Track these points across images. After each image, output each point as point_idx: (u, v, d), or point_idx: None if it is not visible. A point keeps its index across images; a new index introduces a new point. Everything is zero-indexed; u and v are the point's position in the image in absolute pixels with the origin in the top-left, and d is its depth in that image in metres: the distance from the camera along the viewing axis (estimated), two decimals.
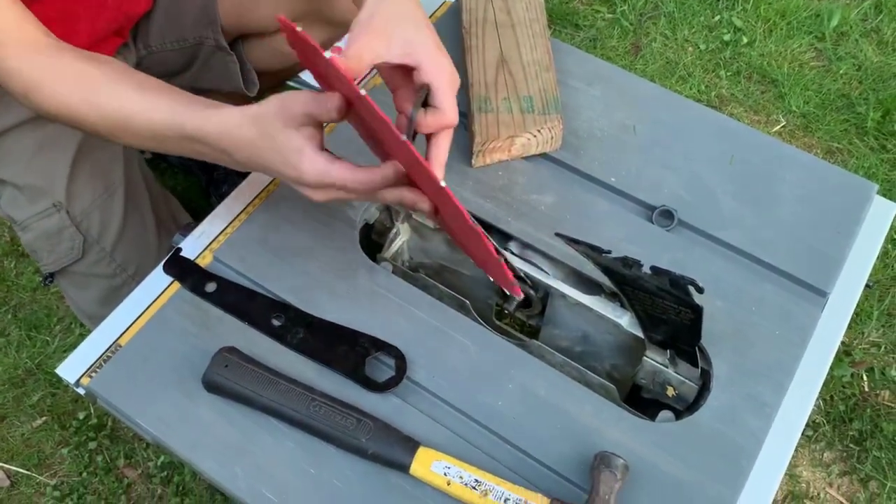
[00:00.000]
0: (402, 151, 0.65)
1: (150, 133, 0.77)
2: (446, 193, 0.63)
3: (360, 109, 0.67)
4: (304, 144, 0.69)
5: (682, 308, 0.76)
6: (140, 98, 0.76)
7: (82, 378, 0.82)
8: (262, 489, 0.74)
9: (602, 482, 0.71)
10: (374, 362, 0.81)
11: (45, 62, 0.78)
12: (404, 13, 0.73)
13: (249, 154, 0.72)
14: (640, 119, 0.99)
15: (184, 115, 0.74)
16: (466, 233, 0.72)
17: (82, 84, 0.77)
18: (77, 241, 1.05)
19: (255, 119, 0.70)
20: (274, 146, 0.69)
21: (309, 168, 0.69)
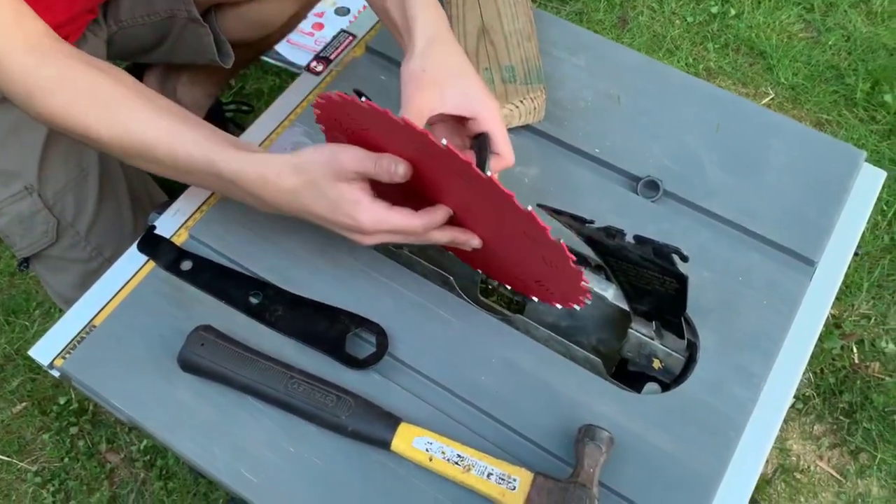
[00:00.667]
0: (487, 190, 0.67)
1: (172, 164, 0.75)
2: (534, 219, 0.67)
3: (428, 160, 0.70)
4: (360, 196, 0.71)
5: (666, 278, 0.74)
6: (167, 127, 0.74)
7: (56, 360, 0.80)
8: (241, 469, 0.73)
9: (587, 455, 0.70)
10: (355, 339, 0.80)
11: (53, 69, 0.74)
12: (454, 64, 0.76)
13: (288, 201, 0.73)
14: (624, 89, 0.97)
15: (217, 155, 0.73)
16: (536, 252, 0.73)
17: (98, 101, 0.74)
18: (51, 225, 1.03)
19: (298, 169, 0.71)
20: (324, 196, 0.71)
21: (367, 218, 0.71)
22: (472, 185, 0.68)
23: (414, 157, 0.71)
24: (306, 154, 0.72)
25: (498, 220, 0.72)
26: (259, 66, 1.67)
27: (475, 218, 0.75)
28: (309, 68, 1.01)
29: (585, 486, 0.68)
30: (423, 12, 0.78)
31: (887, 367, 1.32)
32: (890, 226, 1.47)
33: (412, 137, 0.67)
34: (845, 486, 1.25)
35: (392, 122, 0.67)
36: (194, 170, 0.75)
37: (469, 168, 0.66)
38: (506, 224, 0.71)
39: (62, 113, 0.75)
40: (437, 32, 0.77)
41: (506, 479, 0.70)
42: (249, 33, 1.20)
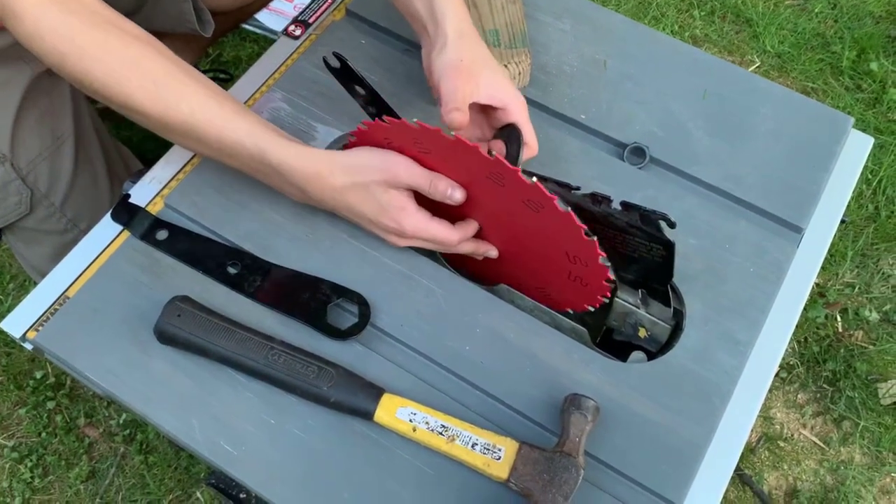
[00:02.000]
0: (525, 193, 0.71)
1: (217, 146, 0.76)
2: (572, 218, 0.70)
3: (464, 171, 0.74)
4: (406, 203, 0.75)
5: (653, 245, 0.73)
6: (217, 110, 0.74)
7: (28, 332, 0.78)
8: (220, 441, 0.71)
9: (572, 424, 0.69)
10: (336, 309, 0.78)
11: (96, 33, 0.72)
12: (484, 56, 0.78)
13: (334, 198, 0.76)
14: (611, 54, 0.95)
15: (268, 144, 0.74)
16: (561, 252, 0.76)
17: (144, 73, 0.73)
18: (24, 196, 1.00)
19: (352, 171, 0.74)
20: (373, 199, 0.75)
21: (410, 224, 0.75)
22: (510, 189, 0.72)
23: (452, 169, 0.75)
24: (361, 157, 0.74)
25: (525, 225, 0.75)
26: (237, 33, 1.63)
27: (499, 227, 0.79)
28: (287, 32, 0.98)
29: (571, 456, 0.67)
30: (451, 6, 0.79)
31: (871, 335, 1.32)
32: (875, 195, 1.46)
33: (469, 155, 0.70)
34: (828, 453, 1.25)
35: (445, 143, 0.70)
36: (239, 155, 0.75)
37: (516, 175, 0.70)
38: (535, 228, 0.75)
39: (103, 79, 0.73)
40: (466, 26, 0.79)
41: (490, 448, 0.69)
42: (229, 2, 1.17)
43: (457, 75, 0.75)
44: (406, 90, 0.92)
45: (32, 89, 0.97)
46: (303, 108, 0.90)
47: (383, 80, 0.92)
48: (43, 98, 0.99)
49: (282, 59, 0.96)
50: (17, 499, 1.23)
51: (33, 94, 0.97)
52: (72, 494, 1.24)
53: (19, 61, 0.95)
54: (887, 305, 1.35)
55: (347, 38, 0.96)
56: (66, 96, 1.02)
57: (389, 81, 0.92)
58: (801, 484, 1.24)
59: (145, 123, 0.77)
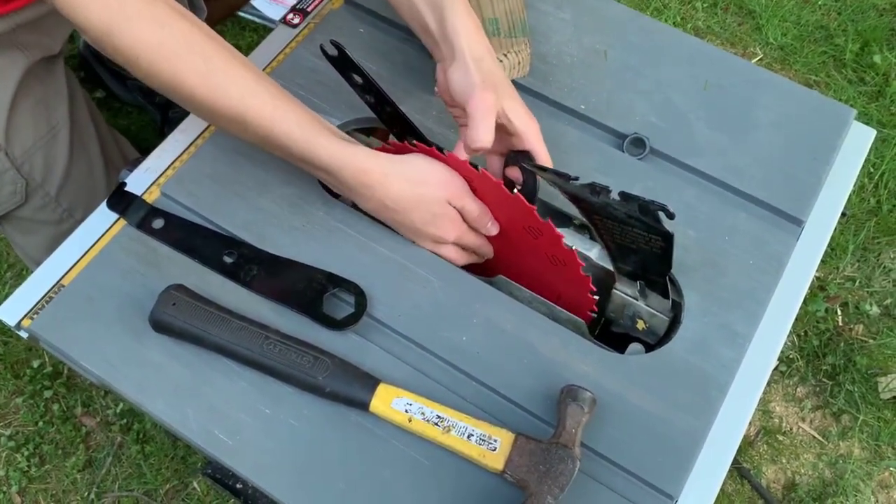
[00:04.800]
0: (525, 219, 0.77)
1: (264, 135, 0.74)
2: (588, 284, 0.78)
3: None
4: (456, 216, 0.78)
5: (652, 236, 0.72)
6: (269, 100, 0.73)
7: (24, 320, 0.77)
8: (215, 430, 0.71)
9: (569, 416, 0.69)
10: (332, 299, 0.78)
11: (143, 8, 0.70)
12: (502, 78, 0.78)
13: (381, 201, 0.76)
14: (611, 43, 0.95)
15: (318, 140, 0.74)
16: (553, 272, 0.80)
17: (195, 54, 0.71)
18: (19, 185, 0.99)
19: (411, 181, 0.75)
20: (428, 211, 0.76)
21: (455, 233, 0.78)
22: (542, 242, 0.77)
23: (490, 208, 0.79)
24: (422, 168, 0.76)
25: (539, 267, 0.80)
26: (237, 22, 1.62)
27: (509, 259, 0.84)
28: (285, 20, 0.97)
29: (567, 447, 0.67)
30: (463, 25, 0.77)
31: (871, 329, 1.32)
32: (876, 188, 1.46)
33: (489, 186, 0.75)
34: (827, 447, 1.25)
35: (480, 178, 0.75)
36: (285, 147, 0.74)
37: (557, 239, 0.75)
38: (547, 273, 0.80)
39: (151, 54, 0.70)
40: (482, 46, 0.78)
41: (486, 439, 0.69)
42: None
43: (484, 98, 0.74)
44: (404, 79, 0.91)
45: (27, 78, 0.96)
46: (301, 96, 0.89)
47: (381, 68, 0.92)
48: (38, 87, 0.98)
49: (280, 47, 0.95)
50: (14, 487, 1.23)
51: (28, 82, 0.96)
52: (68, 483, 1.23)
53: (14, 50, 0.94)
54: (888, 299, 1.35)
55: (346, 26, 0.95)
56: (62, 85, 1.01)
57: (388, 70, 0.92)
58: (799, 478, 1.23)
59: (191, 105, 0.75)
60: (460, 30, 0.77)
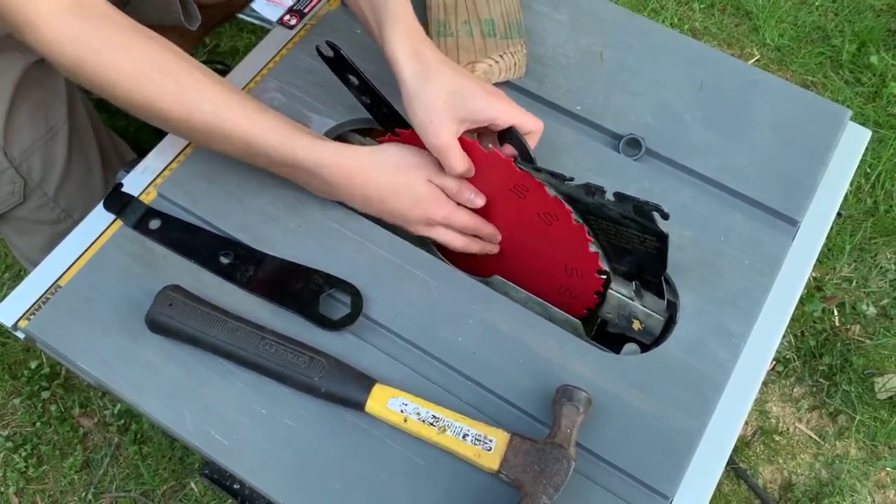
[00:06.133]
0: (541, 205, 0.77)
1: (243, 146, 0.76)
2: (583, 231, 0.76)
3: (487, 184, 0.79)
4: (440, 194, 0.78)
5: (646, 236, 0.73)
6: (240, 110, 0.75)
7: (20, 321, 0.77)
8: (211, 430, 0.71)
9: (564, 416, 0.69)
10: (328, 300, 0.78)
11: (110, 35, 0.72)
12: (451, 90, 0.75)
13: (364, 192, 0.77)
14: (607, 45, 0.95)
15: (296, 142, 0.75)
16: (561, 262, 0.81)
17: (165, 75, 0.73)
18: (17, 185, 0.99)
19: (393, 167, 0.77)
20: (410, 193, 0.77)
21: (441, 212, 0.78)
22: (530, 201, 0.76)
23: (476, 180, 0.79)
24: (400, 153, 0.77)
25: (534, 235, 0.79)
26: (235, 23, 1.63)
27: (506, 236, 0.83)
28: (282, 22, 0.97)
29: (562, 447, 0.67)
30: (400, 51, 0.76)
31: (867, 329, 1.32)
32: (873, 188, 1.46)
33: (481, 158, 0.76)
34: (824, 447, 1.25)
35: (463, 143, 0.75)
36: (265, 153, 0.76)
37: (540, 189, 0.74)
38: (542, 239, 0.79)
39: (124, 81, 0.72)
40: (420, 65, 0.75)
41: (482, 439, 0.69)
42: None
43: (438, 138, 0.73)
44: None
45: (26, 79, 0.96)
46: (297, 97, 0.90)
47: (378, 69, 0.91)
48: (36, 88, 0.99)
49: (276, 48, 0.95)
50: (12, 488, 1.23)
51: (27, 83, 0.97)
52: (66, 484, 1.24)
53: (13, 51, 0.94)
54: (885, 300, 1.35)
55: (342, 27, 0.95)
56: (61, 86, 1.02)
57: (384, 71, 0.91)
58: (796, 478, 1.23)
59: (168, 126, 0.77)
60: (399, 57, 0.76)
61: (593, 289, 0.80)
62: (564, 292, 0.83)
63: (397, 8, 0.77)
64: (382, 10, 0.78)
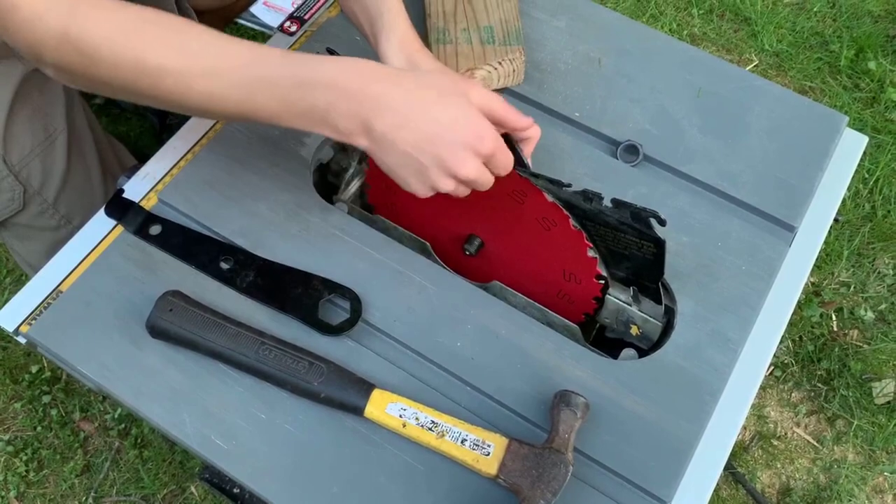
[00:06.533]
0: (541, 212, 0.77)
1: (251, 81, 0.67)
2: (582, 237, 0.76)
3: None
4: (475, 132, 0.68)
5: (644, 242, 0.73)
6: (246, 48, 0.68)
7: (22, 326, 0.78)
8: (211, 435, 0.72)
9: (562, 421, 0.69)
10: (328, 305, 0.78)
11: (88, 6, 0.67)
12: (449, 88, 0.71)
13: (386, 104, 0.66)
14: (605, 51, 0.95)
15: (302, 56, 0.68)
16: (559, 267, 0.81)
17: (153, 23, 0.67)
18: (17, 192, 1.00)
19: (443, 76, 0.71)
20: (454, 106, 0.67)
21: (490, 137, 0.68)
22: (529, 207, 0.76)
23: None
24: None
25: (531, 241, 0.80)
26: (234, 28, 1.63)
27: (503, 242, 0.83)
28: (282, 28, 0.98)
29: (560, 452, 0.67)
30: (395, 59, 0.76)
31: (865, 334, 1.32)
32: (871, 194, 1.46)
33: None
34: (822, 452, 1.25)
35: None
36: (269, 79, 0.67)
37: (539, 195, 0.75)
38: (540, 244, 0.79)
39: (113, 40, 0.66)
40: (415, 69, 0.75)
41: (480, 444, 0.69)
42: (213, 1, 1.17)
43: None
44: None
45: (24, 85, 0.97)
46: None
47: None
48: (35, 94, 0.99)
49: None
50: (13, 492, 1.23)
51: (25, 90, 0.97)
52: (66, 488, 1.24)
53: (11, 59, 0.95)
54: (882, 305, 1.35)
55: (342, 34, 0.96)
56: (59, 92, 1.02)
57: None
58: (794, 482, 1.24)
59: (162, 88, 0.68)
60: (392, 65, 0.76)
61: (591, 294, 0.80)
62: (563, 297, 0.83)
63: (392, 18, 0.78)
64: (378, 20, 0.78)
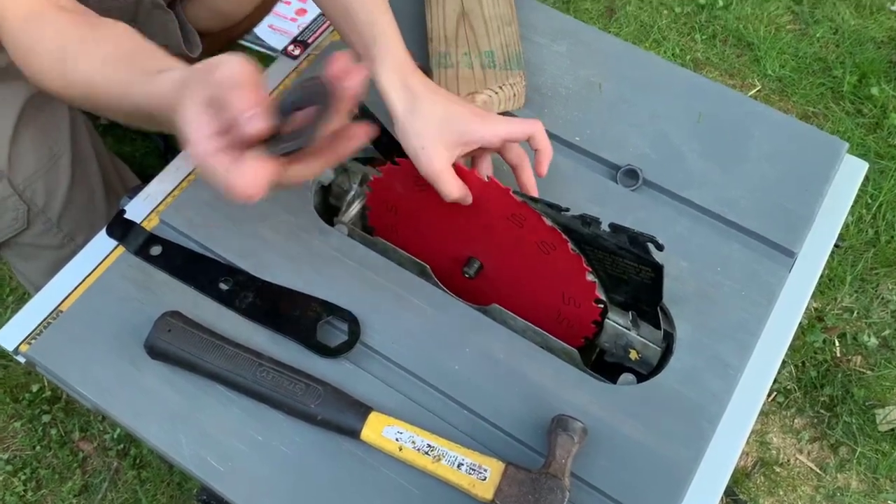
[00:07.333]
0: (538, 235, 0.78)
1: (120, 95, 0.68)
2: (580, 261, 0.77)
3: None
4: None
5: (642, 267, 0.73)
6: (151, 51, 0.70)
7: (21, 345, 0.78)
8: (207, 456, 0.71)
9: (559, 446, 0.69)
10: (326, 327, 0.78)
11: (38, 24, 0.71)
12: (443, 118, 0.76)
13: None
14: (606, 76, 0.96)
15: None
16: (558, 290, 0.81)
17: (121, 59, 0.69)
18: (21, 211, 1.01)
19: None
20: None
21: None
22: (527, 230, 0.77)
23: (471, 209, 0.79)
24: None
25: (530, 264, 0.80)
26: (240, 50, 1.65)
27: (503, 265, 0.83)
28: (286, 52, 0.99)
29: (557, 477, 0.67)
30: (388, 82, 0.77)
31: (869, 360, 1.32)
32: (874, 219, 1.46)
33: (478, 186, 0.76)
34: (825, 479, 1.24)
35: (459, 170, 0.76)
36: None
37: (538, 218, 0.75)
38: (539, 267, 0.79)
39: (31, 68, 0.71)
40: (409, 96, 0.76)
41: (476, 469, 0.69)
42: (215, 23, 1.18)
43: (430, 165, 0.74)
44: None
45: (29, 106, 0.98)
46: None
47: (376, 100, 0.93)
48: (40, 115, 1.00)
49: (280, 77, 0.97)
50: None
51: (30, 111, 0.98)
52: None
53: (17, 80, 0.96)
54: (886, 331, 1.34)
55: None
56: (64, 113, 1.03)
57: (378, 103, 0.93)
58: None
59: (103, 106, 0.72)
60: (389, 90, 0.77)
61: (591, 318, 0.80)
62: (562, 321, 0.83)
63: (386, 42, 0.78)
64: (372, 46, 0.79)
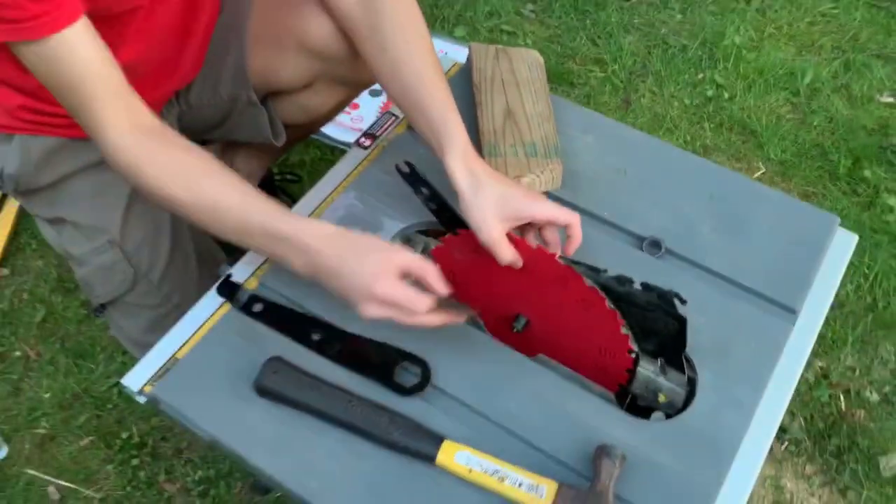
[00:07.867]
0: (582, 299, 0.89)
1: (235, 224, 0.93)
2: (616, 315, 0.87)
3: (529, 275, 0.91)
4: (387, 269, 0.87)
5: (669, 319, 0.87)
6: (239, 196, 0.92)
7: (145, 387, 0.93)
8: (306, 479, 0.85)
9: (603, 469, 0.82)
10: (402, 371, 0.92)
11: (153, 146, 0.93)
12: (501, 195, 0.93)
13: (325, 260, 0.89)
14: (629, 162, 1.13)
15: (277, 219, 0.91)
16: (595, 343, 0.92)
17: (185, 173, 0.93)
18: (128, 274, 1.16)
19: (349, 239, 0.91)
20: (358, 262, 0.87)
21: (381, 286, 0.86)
22: (571, 291, 0.87)
23: (521, 272, 0.90)
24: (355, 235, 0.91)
25: (571, 319, 0.91)
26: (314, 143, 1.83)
27: (545, 321, 0.94)
28: (358, 143, 1.16)
29: (602, 495, 0.80)
30: (457, 168, 0.93)
31: (871, 413, 1.44)
32: (872, 287, 1.60)
33: (530, 254, 0.88)
34: None
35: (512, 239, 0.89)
36: (254, 231, 0.92)
37: (580, 280, 0.86)
38: (579, 322, 0.90)
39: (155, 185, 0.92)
40: (479, 180, 0.92)
41: (535, 487, 0.82)
42: (300, 118, 1.34)
43: (489, 234, 0.89)
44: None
45: None
46: (372, 205, 1.08)
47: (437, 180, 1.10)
48: None
49: (353, 165, 1.14)
50: None
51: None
52: None
53: None
54: (886, 387, 1.47)
55: (409, 147, 1.14)
56: None
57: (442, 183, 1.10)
58: None
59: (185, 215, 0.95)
60: (456, 174, 0.93)
61: (625, 366, 0.93)
62: (599, 370, 0.96)
63: (453, 133, 0.96)
64: (443, 135, 0.96)
